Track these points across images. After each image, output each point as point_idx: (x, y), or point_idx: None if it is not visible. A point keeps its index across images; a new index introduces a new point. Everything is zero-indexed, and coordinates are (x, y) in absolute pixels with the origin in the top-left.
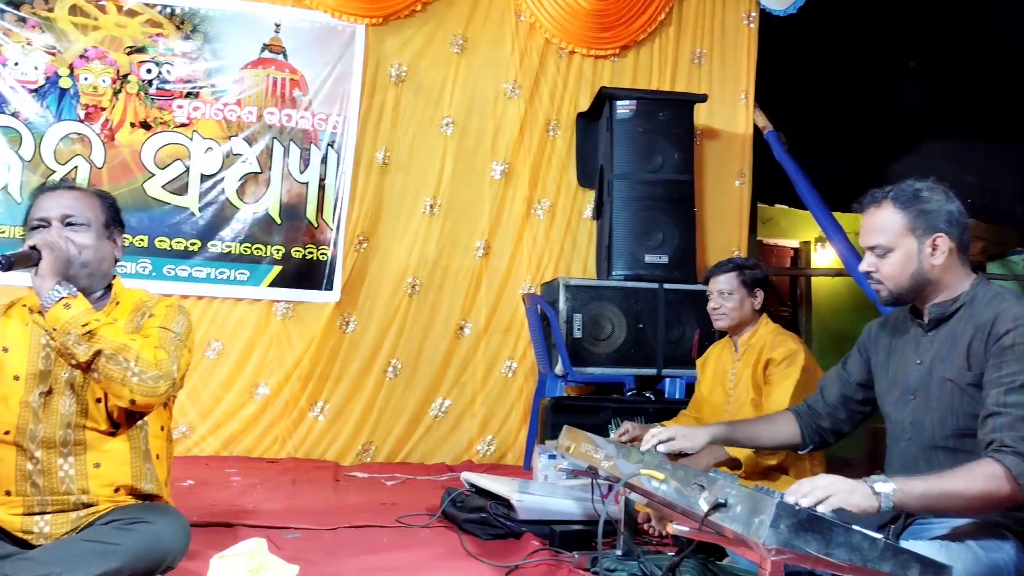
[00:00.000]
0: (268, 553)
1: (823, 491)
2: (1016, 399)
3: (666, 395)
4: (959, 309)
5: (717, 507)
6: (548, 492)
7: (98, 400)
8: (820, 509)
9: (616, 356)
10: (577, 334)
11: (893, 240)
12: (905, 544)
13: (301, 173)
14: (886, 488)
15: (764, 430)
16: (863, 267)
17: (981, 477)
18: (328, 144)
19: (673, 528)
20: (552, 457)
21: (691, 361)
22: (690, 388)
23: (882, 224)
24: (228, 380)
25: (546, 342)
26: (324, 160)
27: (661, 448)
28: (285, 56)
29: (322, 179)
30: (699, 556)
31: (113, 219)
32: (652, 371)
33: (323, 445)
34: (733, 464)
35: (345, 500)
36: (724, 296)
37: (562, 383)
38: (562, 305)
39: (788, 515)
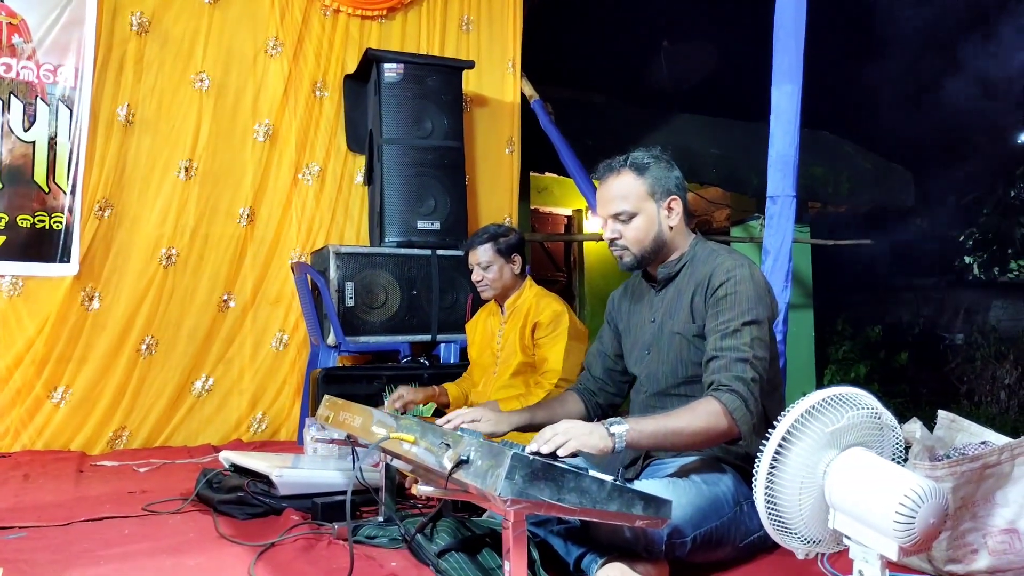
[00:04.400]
0: None
1: (563, 436)
2: (730, 343)
3: (441, 360)
4: (682, 268)
5: (460, 464)
6: (314, 465)
7: None
8: (560, 453)
9: (390, 324)
10: (350, 303)
11: (636, 205)
12: (640, 483)
13: (25, 131)
14: (620, 429)
15: (558, 411)
16: (607, 235)
17: (702, 415)
18: (59, 99)
19: (418, 489)
20: (322, 429)
21: (464, 326)
22: (464, 352)
23: (624, 191)
24: None
25: (317, 312)
26: (54, 116)
27: (466, 427)
28: None
29: (52, 138)
30: (456, 514)
31: None
32: (427, 337)
33: (67, 434)
34: None
35: (86, 492)
36: (484, 268)
37: (335, 354)
38: (333, 273)
39: (523, 466)
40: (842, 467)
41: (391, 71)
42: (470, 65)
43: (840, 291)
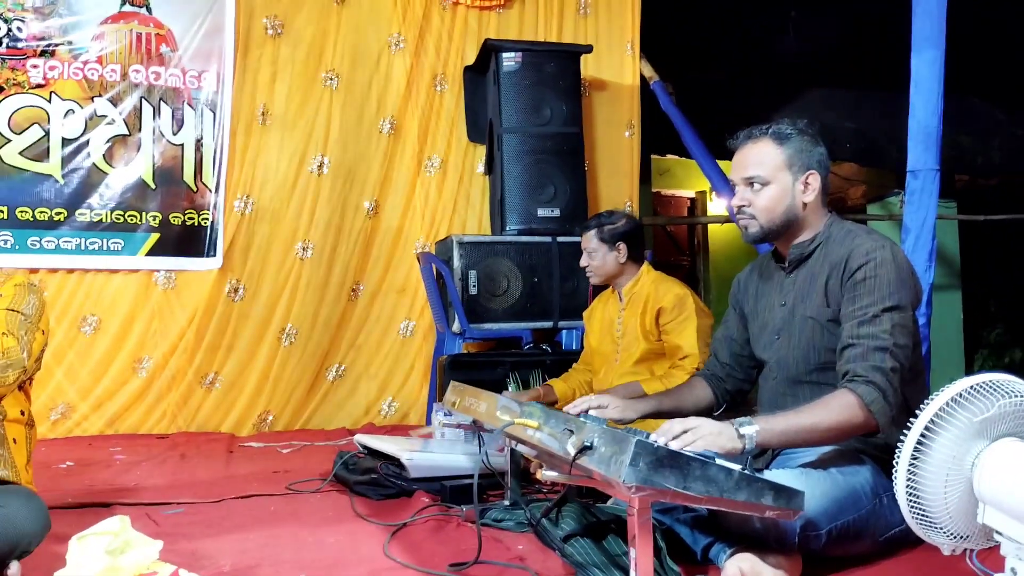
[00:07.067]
0: (132, 531)
1: (691, 435)
2: (868, 331)
3: (563, 347)
4: (816, 249)
5: (584, 450)
6: (442, 449)
7: None
8: (687, 451)
9: (512, 311)
10: (473, 291)
11: (771, 173)
12: (771, 473)
13: (175, 134)
14: (750, 430)
15: (686, 398)
16: (736, 201)
17: (836, 408)
18: (203, 103)
19: (543, 474)
20: (449, 414)
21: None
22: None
23: (761, 158)
24: (108, 356)
25: (442, 300)
26: (200, 120)
27: (593, 413)
28: (148, 9)
29: (198, 140)
30: (581, 500)
31: None
32: (548, 324)
33: (217, 417)
34: None
35: (236, 471)
36: (589, 254)
37: (460, 340)
38: (456, 262)
39: (647, 453)
40: (993, 459)
41: (509, 60)
42: (588, 49)
43: (993, 270)
